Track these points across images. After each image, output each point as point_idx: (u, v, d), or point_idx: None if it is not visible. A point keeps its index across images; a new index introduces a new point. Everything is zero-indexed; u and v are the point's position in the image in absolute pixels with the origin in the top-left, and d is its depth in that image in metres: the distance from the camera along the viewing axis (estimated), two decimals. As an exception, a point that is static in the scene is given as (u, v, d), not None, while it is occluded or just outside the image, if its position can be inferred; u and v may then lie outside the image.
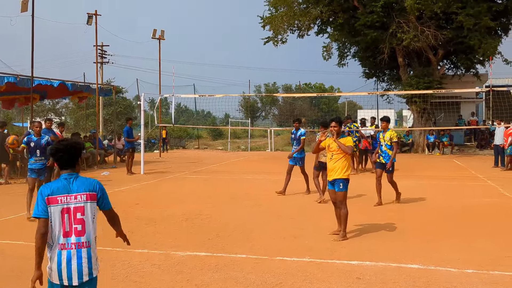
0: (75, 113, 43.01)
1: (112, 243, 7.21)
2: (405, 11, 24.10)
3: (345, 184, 7.47)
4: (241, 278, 5.66)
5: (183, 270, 5.96)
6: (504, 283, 5.46)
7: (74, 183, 3.57)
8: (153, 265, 6.17)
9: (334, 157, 7.54)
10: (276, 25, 28.36)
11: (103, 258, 6.43)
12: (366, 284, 5.47)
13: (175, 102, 21.78)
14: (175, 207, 10.28)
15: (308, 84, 71.61)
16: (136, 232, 7.99)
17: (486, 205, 10.43)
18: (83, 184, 3.59)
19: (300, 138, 11.92)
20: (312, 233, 7.82)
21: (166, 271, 5.96)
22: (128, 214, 9.43)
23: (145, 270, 6.01)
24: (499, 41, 26.12)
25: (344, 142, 7.49)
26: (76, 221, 3.50)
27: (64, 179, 3.57)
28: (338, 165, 7.47)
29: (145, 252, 6.76)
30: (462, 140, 29.96)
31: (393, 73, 31.76)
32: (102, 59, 36.43)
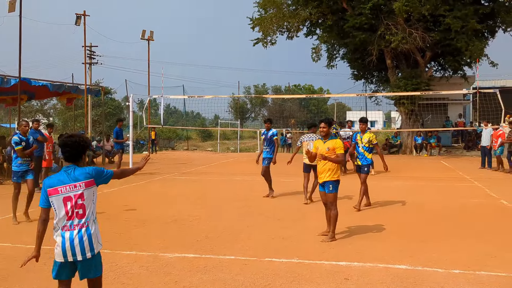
0: (63, 114, 42.76)
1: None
2: (393, 13, 24.27)
3: (335, 186, 7.48)
4: (229, 279, 5.66)
5: (171, 272, 5.95)
6: (490, 283, 5.51)
7: (72, 174, 3.98)
8: (141, 267, 6.15)
9: (323, 160, 7.50)
10: (265, 26, 28.43)
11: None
12: (354, 284, 5.50)
13: (164, 103, 21.78)
14: (164, 209, 10.25)
15: (298, 86, 71.83)
16: (124, 234, 7.97)
17: (473, 206, 10.52)
18: (80, 174, 4.00)
19: (272, 139, 11.74)
20: (301, 234, 7.84)
21: (154, 272, 5.94)
22: (117, 216, 9.40)
23: (133, 272, 5.99)
24: (486, 43, 26.41)
25: (333, 145, 7.44)
26: (77, 206, 3.93)
27: (64, 171, 4.00)
28: (327, 167, 7.46)
29: (133, 254, 6.74)
30: (450, 141, 30.21)
31: (382, 75, 31.96)
32: (90, 60, 36.24)
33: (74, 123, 30.79)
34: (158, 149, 32.99)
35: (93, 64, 36.89)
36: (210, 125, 54.54)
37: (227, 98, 45.78)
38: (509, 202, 10.84)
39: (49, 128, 15.73)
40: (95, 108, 36.32)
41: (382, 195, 12.06)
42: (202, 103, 35.60)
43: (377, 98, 33.05)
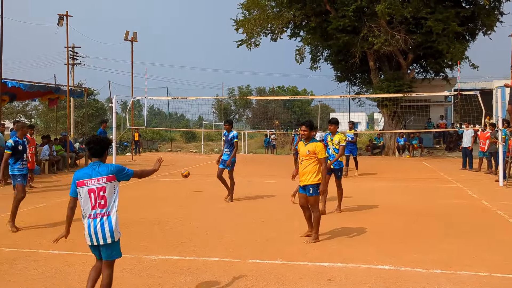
0: (45, 116, 42.28)
1: (82, 248, 7.14)
2: (376, 15, 24.48)
3: (316, 189, 7.44)
4: (213, 281, 5.66)
5: (155, 274, 5.92)
6: (471, 282, 5.59)
7: (97, 169, 4.61)
8: (124, 269, 6.11)
9: (304, 162, 7.47)
10: (249, 28, 28.43)
11: (73, 263, 6.37)
12: (337, 285, 5.54)
13: (147, 104, 21.65)
14: (147, 211, 10.20)
15: (282, 87, 71.98)
16: (107, 236, 7.91)
17: (454, 207, 10.66)
18: (103, 169, 4.61)
19: (232, 141, 11.51)
20: (284, 236, 7.87)
21: (138, 275, 5.92)
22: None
23: (116, 275, 5.93)
24: (467, 45, 26.77)
25: (313, 148, 7.38)
26: (99, 197, 4.56)
27: (91, 166, 4.64)
28: (308, 170, 7.42)
29: (117, 256, 6.69)
30: (431, 142, 30.55)
31: (365, 77, 32.21)
32: (73, 61, 35.92)
33: (57, 124, 30.48)
34: (142, 150, 32.78)
35: (75, 65, 36.58)
36: (194, 126, 54.35)
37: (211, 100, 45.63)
38: (489, 202, 11.01)
39: (30, 129, 15.55)
40: (77, 110, 35.98)
41: (364, 196, 12.16)
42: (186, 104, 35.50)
43: (360, 100, 33.37)
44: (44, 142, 18.58)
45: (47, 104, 29.63)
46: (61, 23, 22.33)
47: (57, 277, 5.86)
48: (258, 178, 15.58)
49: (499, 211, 9.99)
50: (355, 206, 10.69)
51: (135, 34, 28.36)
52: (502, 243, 7.42)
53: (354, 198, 11.89)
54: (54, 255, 6.79)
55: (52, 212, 10.16)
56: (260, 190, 13.11)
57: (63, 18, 22.34)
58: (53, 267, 6.22)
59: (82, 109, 34.44)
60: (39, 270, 6.13)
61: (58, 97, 21.19)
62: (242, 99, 62.98)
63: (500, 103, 15.41)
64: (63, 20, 22.29)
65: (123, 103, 53.68)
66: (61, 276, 5.91)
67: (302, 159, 7.50)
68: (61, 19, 22.42)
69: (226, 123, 11.86)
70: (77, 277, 5.83)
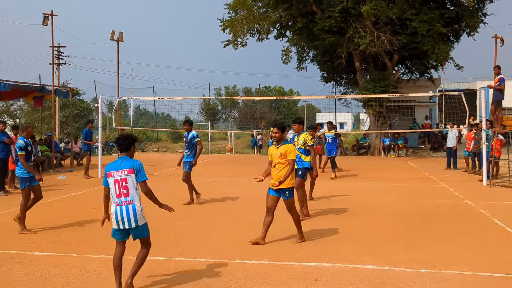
0: (30, 116, 41.76)
1: (68, 249, 7.10)
2: (361, 16, 24.61)
3: (291, 192, 7.37)
4: (200, 282, 5.67)
5: (141, 275, 5.90)
6: (455, 281, 5.66)
7: (122, 163, 5.35)
8: (110, 271, 6.06)
9: (277, 166, 7.33)
10: (236, 28, 28.41)
11: (59, 265, 6.32)
12: (324, 285, 5.57)
13: (134, 105, 21.51)
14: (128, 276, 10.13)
15: (268, 87, 72.08)
16: (93, 237, 7.87)
17: (439, 206, 10.78)
18: (126, 163, 5.34)
19: (193, 142, 11.31)
20: (271, 236, 7.87)
21: (124, 276, 5.88)
22: (85, 219, 9.26)
23: (102, 276, 5.92)
24: (451, 46, 27.02)
25: (285, 150, 7.27)
26: (123, 187, 5.28)
27: (118, 160, 5.39)
28: (281, 174, 7.26)
29: (103, 258, 6.66)
30: (416, 142, 30.80)
31: (351, 77, 32.35)
32: (58, 61, 35.57)
33: (42, 124, 30.16)
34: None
35: (61, 65, 36.24)
36: (180, 126, 54.13)
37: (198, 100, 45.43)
38: (473, 202, 11.15)
39: (15, 130, 15.40)
40: (63, 110, 35.63)
41: (350, 196, 12.24)
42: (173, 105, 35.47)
43: (346, 100, 33.52)
44: (29, 142, 18.36)
45: (32, 104, 29.36)
46: (46, 22, 22.06)
47: (42, 279, 5.81)
48: (244, 178, 15.58)
49: (482, 211, 10.12)
50: (341, 206, 10.75)
51: (121, 34, 28.24)
52: (485, 242, 7.52)
53: (340, 198, 11.97)
54: (39, 257, 6.73)
55: (37, 213, 10.06)
56: (246, 191, 13.11)
57: (48, 17, 22.09)
58: (38, 269, 6.17)
59: (68, 109, 34.12)
60: (23, 271, 6.08)
61: (43, 97, 20.97)
62: (228, 99, 62.96)
63: (483, 104, 15.57)
64: (48, 20, 22.03)
65: (109, 103, 53.36)
66: (46, 277, 5.86)
67: (276, 162, 7.34)
68: (46, 18, 22.15)
69: (186, 123, 11.59)
70: (62, 279, 5.79)
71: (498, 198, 11.81)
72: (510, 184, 13.96)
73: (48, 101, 23.03)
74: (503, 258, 6.58)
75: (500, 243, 7.47)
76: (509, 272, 5.98)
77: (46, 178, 15.92)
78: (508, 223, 8.80)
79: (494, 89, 14.19)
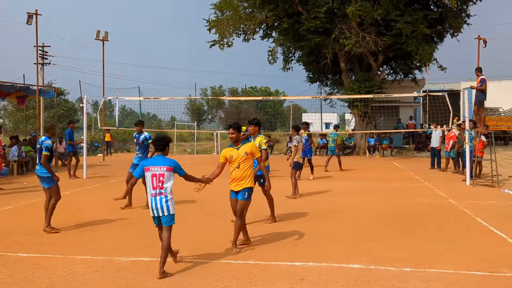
0: (14, 116, 41.32)
1: (52, 250, 7.05)
2: (347, 17, 24.77)
3: (250, 193, 7.17)
4: (185, 282, 5.66)
5: (127, 276, 5.88)
6: (439, 280, 5.73)
7: (160, 160, 6.16)
8: (95, 272, 6.05)
9: (241, 166, 7.08)
10: (222, 28, 28.40)
11: (43, 266, 6.28)
12: (309, 284, 5.60)
13: (119, 105, 21.39)
14: (118, 212, 10.10)
15: (254, 88, 72.16)
16: (78, 238, 7.82)
17: (423, 206, 10.88)
18: (164, 161, 6.16)
19: (145, 142, 10.97)
20: (257, 236, 7.90)
21: (109, 277, 5.87)
22: (70, 220, 9.19)
23: (87, 277, 5.89)
24: (435, 47, 27.33)
25: (251, 148, 7.10)
26: (159, 181, 6.07)
27: (155, 158, 6.23)
28: (247, 174, 7.10)
29: (88, 258, 6.62)
30: (401, 143, 31.05)
31: (336, 78, 32.52)
32: (43, 60, 35.17)
33: (26, 124, 29.87)
34: (113, 151, 32.38)
35: (45, 65, 35.85)
36: (166, 126, 53.97)
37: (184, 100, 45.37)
38: (456, 201, 11.27)
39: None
40: (47, 110, 35.29)
41: (335, 196, 12.31)
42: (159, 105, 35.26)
43: (332, 101, 33.74)
44: (13, 142, 18.20)
45: (15, 104, 29.03)
46: (30, 21, 21.86)
47: (26, 280, 5.76)
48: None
49: (466, 210, 10.24)
50: (326, 206, 10.81)
51: (106, 33, 28.02)
52: (468, 241, 7.62)
53: (325, 198, 12.04)
54: (23, 258, 6.67)
55: (21, 214, 9.97)
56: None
57: (32, 16, 21.89)
58: (21, 270, 6.11)
59: (52, 109, 33.83)
60: (7, 273, 6.02)
61: (27, 96, 20.76)
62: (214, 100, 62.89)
63: (467, 104, 15.75)
64: (32, 19, 21.84)
65: (94, 103, 52.97)
66: (30, 279, 5.81)
67: (238, 163, 7.06)
68: (30, 17, 21.95)
69: (140, 124, 11.24)
70: (46, 280, 5.75)
71: (481, 198, 11.96)
72: (493, 184, 14.15)
73: (32, 101, 22.79)
74: (485, 257, 6.67)
75: (483, 242, 7.58)
76: (491, 271, 6.07)
77: (30, 179, 15.80)
78: (491, 222, 8.92)
79: (476, 89, 14.38)
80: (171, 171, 6.13)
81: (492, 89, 31.55)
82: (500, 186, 13.89)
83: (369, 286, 5.54)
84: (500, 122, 29.72)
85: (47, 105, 34.74)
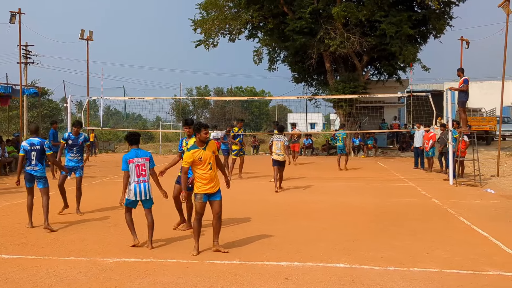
0: (-4, 116, 40.79)
1: (36, 252, 6.98)
2: (332, 18, 24.89)
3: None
4: (171, 283, 5.64)
5: (111, 277, 5.85)
6: (423, 279, 5.79)
7: (140, 152, 7.27)
8: (79, 273, 6.01)
9: (213, 166, 6.92)
10: (207, 28, 28.37)
11: (27, 267, 6.21)
12: (295, 284, 5.62)
13: (104, 105, 21.23)
14: (103, 213, 10.03)
15: (240, 88, 72.07)
16: (61, 239, 7.75)
17: (407, 205, 10.98)
18: (143, 153, 7.31)
19: (84, 144, 10.54)
20: (242, 236, 7.91)
21: (93, 278, 5.83)
22: (54, 221, 9.10)
23: (71, 278, 5.84)
24: (418, 48, 27.59)
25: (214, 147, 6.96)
26: (142, 170, 7.19)
27: (134, 150, 7.27)
28: (216, 173, 7.02)
29: (71, 260, 6.57)
30: (385, 143, 31.29)
31: (321, 78, 32.65)
32: (26, 60, 34.79)
33: (9, 125, 29.49)
34: (98, 151, 32.13)
35: (29, 64, 35.46)
36: (151, 127, 53.74)
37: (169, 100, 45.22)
38: (440, 201, 11.40)
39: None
40: (31, 110, 34.90)
41: (320, 196, 12.36)
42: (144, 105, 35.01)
43: (317, 101, 33.88)
44: (-4, 143, 17.95)
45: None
46: (13, 20, 21.59)
47: (9, 282, 5.70)
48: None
49: (449, 209, 10.36)
50: (311, 205, 10.85)
51: (91, 33, 27.87)
52: (451, 239, 7.71)
53: (309, 197, 12.08)
54: (5, 260, 6.60)
55: (4, 215, 9.84)
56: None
57: (15, 15, 21.63)
58: (4, 272, 6.04)
59: (36, 109, 33.46)
60: (-11, 275, 5.94)
61: (10, 96, 20.50)
62: (200, 100, 62.68)
63: (450, 105, 15.95)
64: (15, 18, 21.58)
65: (78, 103, 52.48)
66: (13, 280, 5.75)
67: (210, 163, 6.85)
68: (13, 16, 21.69)
69: (78, 125, 10.59)
70: (30, 282, 5.69)
71: (463, 197, 12.11)
72: (475, 183, 14.33)
73: (15, 101, 22.52)
74: (468, 256, 6.77)
75: (465, 240, 7.67)
76: (474, 269, 6.16)
77: (13, 180, 15.56)
78: (474, 221, 9.04)
79: (459, 90, 14.56)
80: (148, 161, 7.26)
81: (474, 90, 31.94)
82: (483, 185, 14.08)
83: (354, 285, 5.58)
84: (483, 122, 30.10)
85: (30, 105, 34.35)
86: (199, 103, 66.19)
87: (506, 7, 16.17)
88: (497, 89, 21.18)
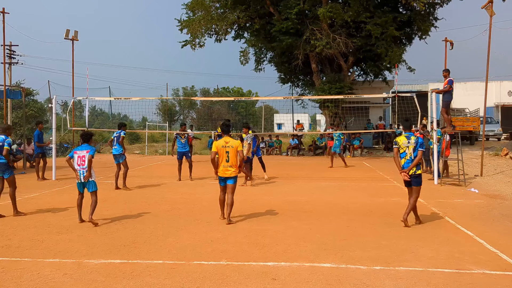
0: (-22, 116, 40.23)
1: (20, 253, 6.91)
2: (318, 19, 25.02)
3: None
4: (157, 284, 5.62)
5: (97, 279, 5.81)
6: (408, 277, 5.84)
7: (84, 146, 8.97)
8: (64, 275, 5.96)
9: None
10: (193, 28, 28.34)
11: (10, 269, 6.15)
12: (281, 284, 5.63)
13: (89, 105, 21.04)
14: (87, 214, 9.94)
15: (227, 88, 72.14)
16: (46, 241, 7.67)
17: (392, 204, 11.05)
18: (85, 148, 8.94)
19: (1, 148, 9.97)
20: (229, 237, 7.90)
21: (79, 280, 5.78)
22: (39, 222, 9.03)
23: (56, 280, 5.79)
24: (404, 49, 27.84)
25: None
26: (82, 160, 8.85)
27: (82, 145, 9.04)
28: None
29: (57, 262, 6.51)
30: (371, 143, 31.47)
31: (307, 79, 32.80)
32: (10, 60, 34.38)
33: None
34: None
35: (13, 64, 35.05)
36: (137, 127, 53.46)
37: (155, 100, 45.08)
38: (425, 200, 11.48)
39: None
40: (15, 110, 34.49)
41: (307, 196, 12.40)
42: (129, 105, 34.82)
43: (303, 101, 34.02)
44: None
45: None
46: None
47: (-7, 285, 5.63)
48: (201, 180, 15.49)
49: (434, 208, 10.46)
50: (297, 206, 10.88)
51: (76, 33, 27.63)
52: (437, 238, 7.79)
53: (296, 197, 12.11)
54: (-11, 262, 6.51)
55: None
56: (203, 191, 13.09)
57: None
58: (-12, 275, 5.97)
59: (20, 110, 33.10)
60: (-27, 278, 5.87)
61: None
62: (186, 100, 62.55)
63: (434, 105, 16.09)
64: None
65: (63, 103, 52.08)
66: (-3, 283, 5.69)
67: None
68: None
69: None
70: (14, 284, 5.63)
71: (448, 196, 12.24)
72: (460, 183, 14.48)
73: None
74: (453, 254, 6.84)
75: (450, 239, 7.75)
76: (458, 268, 6.23)
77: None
78: (458, 220, 9.15)
79: (443, 91, 14.71)
80: (88, 153, 8.93)
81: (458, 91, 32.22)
82: (467, 185, 14.24)
83: (340, 285, 5.61)
84: (467, 122, 30.39)
85: (14, 106, 33.97)
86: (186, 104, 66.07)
87: (489, 9, 16.38)
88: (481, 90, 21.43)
